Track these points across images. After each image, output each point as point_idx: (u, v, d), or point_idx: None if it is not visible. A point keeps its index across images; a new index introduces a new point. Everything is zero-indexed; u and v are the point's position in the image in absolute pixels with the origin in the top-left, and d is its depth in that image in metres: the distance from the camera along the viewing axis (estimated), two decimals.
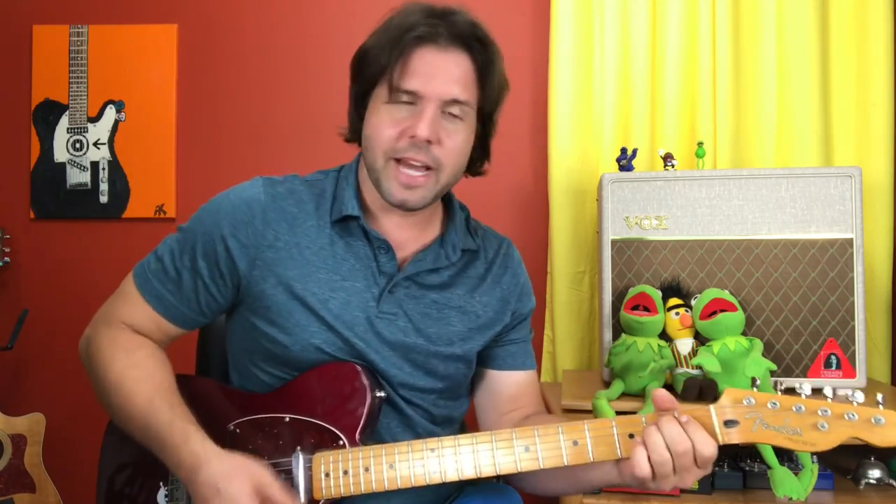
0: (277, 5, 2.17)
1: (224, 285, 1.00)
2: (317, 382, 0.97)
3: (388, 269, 1.01)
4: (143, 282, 1.01)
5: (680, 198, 1.62)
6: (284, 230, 0.99)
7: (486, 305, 1.08)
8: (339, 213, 1.00)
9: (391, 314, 1.00)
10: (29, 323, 2.09)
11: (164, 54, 2.17)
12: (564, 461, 0.85)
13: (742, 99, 1.93)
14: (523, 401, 1.12)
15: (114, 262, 2.16)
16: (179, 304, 1.00)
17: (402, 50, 0.92)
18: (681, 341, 1.53)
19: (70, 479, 2.07)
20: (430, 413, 1.04)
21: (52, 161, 2.16)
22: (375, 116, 0.96)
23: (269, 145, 2.16)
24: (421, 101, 0.93)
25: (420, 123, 0.92)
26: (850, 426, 0.79)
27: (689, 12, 1.95)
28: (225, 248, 0.98)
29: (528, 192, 2.11)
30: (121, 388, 0.95)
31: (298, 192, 1.02)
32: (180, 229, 1.03)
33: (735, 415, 0.82)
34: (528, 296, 1.16)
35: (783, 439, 0.80)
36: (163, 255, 1.01)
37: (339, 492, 0.89)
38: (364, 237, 1.01)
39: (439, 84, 0.93)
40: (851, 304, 1.55)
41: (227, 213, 0.99)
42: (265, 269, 0.98)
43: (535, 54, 2.08)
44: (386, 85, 0.94)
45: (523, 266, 1.16)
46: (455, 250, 1.05)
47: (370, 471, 0.88)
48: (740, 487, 1.47)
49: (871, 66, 1.86)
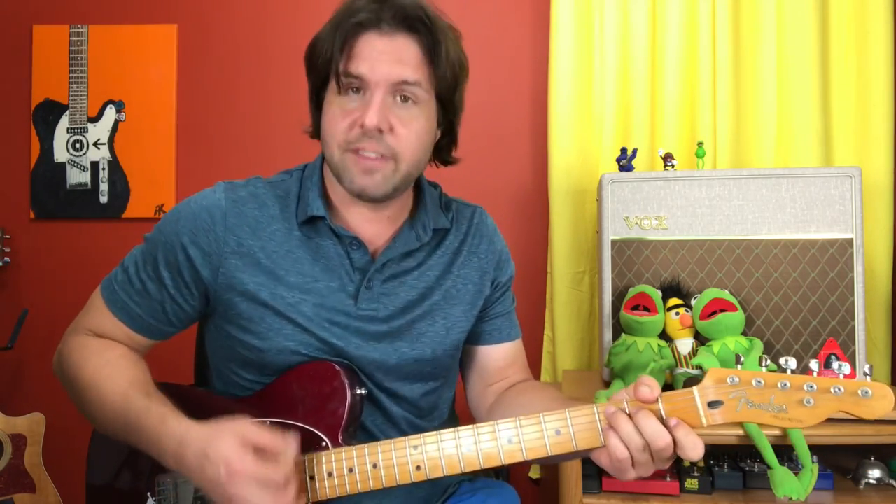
0: (277, 5, 2.17)
1: (190, 294, 0.98)
2: (296, 384, 0.95)
3: (362, 263, 0.98)
4: (110, 294, 1.00)
5: (680, 198, 1.61)
6: (247, 235, 0.96)
7: (464, 279, 1.05)
8: (305, 213, 0.97)
9: (371, 309, 0.98)
10: (29, 323, 2.09)
11: (164, 54, 2.17)
12: (548, 451, 0.83)
13: (742, 99, 1.93)
14: (509, 371, 1.11)
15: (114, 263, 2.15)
16: (146, 315, 0.98)
17: (346, 36, 0.90)
18: (681, 341, 1.53)
19: (70, 479, 2.07)
20: (417, 406, 1.03)
21: (52, 161, 2.16)
22: (329, 109, 0.94)
23: (268, 145, 2.16)
24: (368, 89, 0.90)
25: (368, 111, 0.89)
26: (837, 400, 0.76)
27: (689, 12, 1.95)
28: (186, 256, 0.95)
29: (528, 192, 2.11)
30: (94, 387, 0.93)
31: (261, 195, 0.99)
32: (145, 239, 1.01)
33: (719, 395, 0.79)
34: (507, 262, 1.12)
35: (769, 417, 0.78)
36: (128, 266, 1.00)
37: (324, 494, 0.87)
38: (333, 235, 0.98)
39: (384, 67, 0.89)
40: (851, 304, 1.55)
41: (187, 220, 0.96)
42: (230, 276, 0.95)
43: (535, 54, 2.08)
44: (333, 75, 0.91)
45: (499, 233, 1.13)
46: (426, 230, 1.01)
47: (354, 471, 0.87)
48: (740, 487, 1.47)
49: (871, 66, 1.86)
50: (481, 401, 1.11)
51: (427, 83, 0.93)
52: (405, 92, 0.91)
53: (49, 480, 1.97)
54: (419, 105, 0.93)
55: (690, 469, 1.47)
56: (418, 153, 0.95)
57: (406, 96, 0.92)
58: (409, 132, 0.92)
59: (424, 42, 0.92)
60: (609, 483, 1.46)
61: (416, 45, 0.92)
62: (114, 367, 0.94)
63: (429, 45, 0.92)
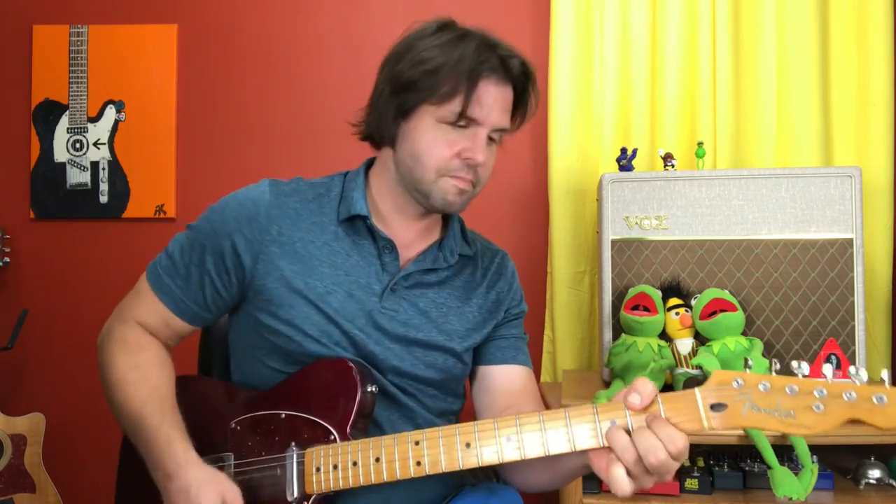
0: (277, 5, 2.17)
1: (229, 281, 1.03)
2: (312, 378, 0.99)
3: (391, 268, 1.05)
4: (155, 278, 1.05)
5: (680, 198, 1.62)
6: (288, 225, 1.03)
7: (480, 307, 1.12)
8: (348, 212, 1.04)
9: (393, 309, 1.03)
10: (29, 323, 2.09)
11: (164, 54, 2.17)
12: (547, 451, 0.83)
13: (742, 99, 1.93)
14: (517, 397, 1.12)
15: (114, 262, 2.17)
16: (187, 299, 1.04)
17: (475, 82, 0.98)
18: (681, 341, 1.53)
19: (70, 479, 2.07)
20: (428, 405, 1.06)
21: (52, 161, 2.16)
22: (428, 134, 1.00)
23: (268, 145, 2.16)
24: (475, 127, 1.00)
25: (479, 151, 0.99)
26: (849, 407, 0.71)
27: (689, 12, 1.95)
28: (231, 244, 1.02)
29: (528, 193, 2.11)
30: (120, 387, 1.00)
31: (303, 191, 1.07)
32: (189, 227, 1.07)
33: (722, 398, 0.75)
34: (522, 301, 1.20)
35: (775, 423, 0.73)
36: (173, 251, 1.06)
37: (328, 486, 0.91)
38: (370, 236, 1.05)
39: (495, 115, 1.00)
40: (851, 304, 1.55)
41: (234, 210, 1.03)
42: (268, 263, 1.01)
43: (535, 54, 2.08)
44: (448, 107, 0.98)
45: (517, 277, 1.21)
46: (453, 254, 1.10)
47: (358, 465, 0.90)
48: (740, 487, 1.47)
49: (871, 66, 1.86)
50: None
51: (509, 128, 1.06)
52: (495, 135, 1.03)
53: (49, 480, 1.96)
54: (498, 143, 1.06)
55: (690, 469, 1.46)
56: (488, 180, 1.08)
57: (493, 138, 1.03)
58: (490, 164, 1.05)
59: (519, 95, 1.05)
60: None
61: (512, 95, 1.04)
62: (140, 373, 1.01)
63: (521, 98, 1.06)
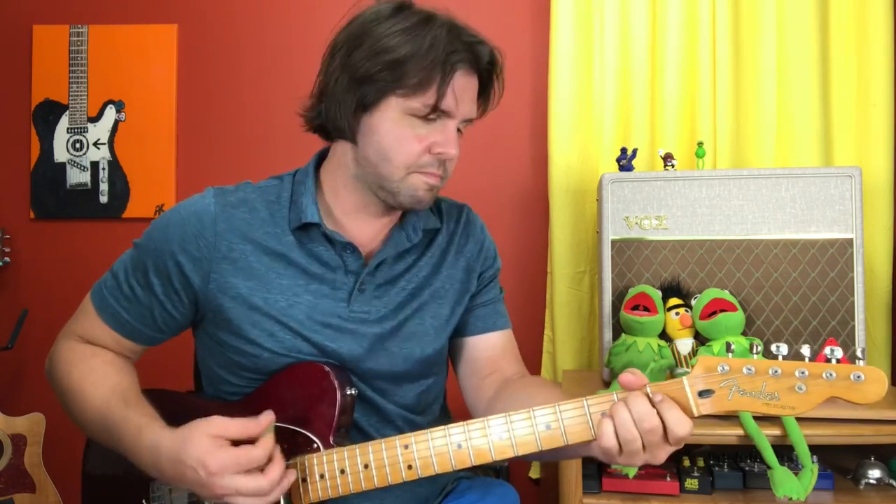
0: (277, 5, 2.17)
1: (179, 301, 0.98)
2: (286, 386, 0.95)
3: (355, 267, 0.99)
4: (100, 300, 1.00)
5: (680, 198, 1.62)
6: (238, 240, 0.96)
7: (452, 278, 1.07)
8: (299, 220, 0.97)
9: (364, 311, 0.99)
10: (29, 323, 2.09)
11: (164, 54, 2.17)
12: (539, 447, 0.83)
13: (742, 99, 1.93)
14: (501, 362, 1.10)
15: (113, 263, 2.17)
16: (135, 321, 0.99)
17: (446, 73, 0.92)
18: (681, 341, 1.53)
19: (70, 479, 2.07)
20: (409, 404, 1.03)
21: (52, 161, 2.16)
22: (396, 129, 0.93)
23: (268, 145, 2.16)
24: (444, 120, 0.94)
25: (451, 145, 0.94)
26: (829, 385, 0.75)
27: (689, 12, 1.95)
28: (176, 263, 0.95)
29: (528, 193, 2.11)
30: (79, 393, 0.95)
31: (251, 200, 0.99)
32: (135, 244, 1.01)
33: (709, 384, 0.79)
34: (494, 258, 1.14)
35: (760, 405, 0.77)
36: (118, 271, 1.01)
37: (317, 496, 0.87)
38: (326, 241, 0.99)
39: (465, 107, 0.96)
40: (851, 304, 1.55)
41: (177, 226, 0.96)
42: (221, 281, 0.95)
43: (535, 54, 2.08)
44: (419, 99, 0.91)
45: (486, 230, 1.15)
46: (416, 231, 1.03)
47: (346, 472, 0.87)
48: (740, 487, 1.47)
49: (871, 66, 1.86)
50: (479, 394, 1.09)
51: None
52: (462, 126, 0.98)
53: (49, 480, 1.96)
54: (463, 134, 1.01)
55: (690, 469, 1.46)
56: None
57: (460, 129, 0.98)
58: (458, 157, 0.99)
59: (484, 84, 1.00)
60: (609, 483, 1.46)
61: (478, 84, 0.99)
62: (98, 374, 0.95)
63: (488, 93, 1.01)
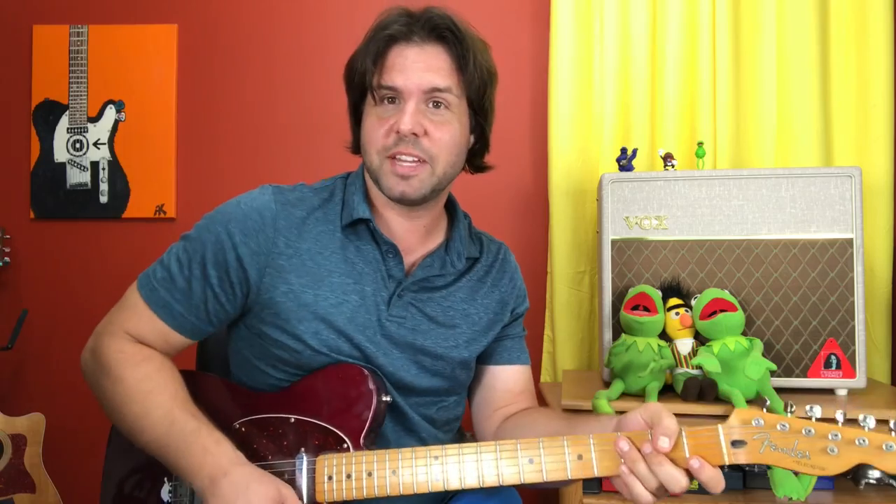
0: (278, 5, 2.17)
1: (233, 294, 0.99)
2: (323, 384, 0.97)
3: (397, 273, 1.03)
4: (149, 292, 0.99)
5: (680, 198, 1.61)
6: (295, 237, 0.99)
7: (486, 308, 1.10)
8: (350, 217, 1.01)
9: (400, 317, 1.02)
10: (29, 323, 2.09)
11: (164, 54, 2.17)
12: (568, 475, 0.84)
13: (742, 99, 1.93)
14: (517, 396, 1.14)
15: (114, 263, 2.17)
16: (188, 313, 0.99)
17: (378, 50, 0.96)
18: (681, 341, 1.53)
19: (70, 479, 2.07)
20: (432, 417, 1.06)
21: (52, 161, 2.16)
22: (367, 120, 1.00)
23: (269, 145, 2.16)
24: (402, 97, 0.96)
25: (403, 117, 0.94)
26: (861, 452, 0.77)
27: (689, 12, 1.95)
28: (236, 256, 0.97)
29: (528, 193, 2.11)
30: (136, 400, 0.93)
31: (307, 198, 1.03)
32: (186, 238, 1.01)
33: (743, 435, 0.81)
34: (524, 298, 1.19)
35: (791, 462, 0.79)
36: (169, 263, 0.99)
37: (341, 496, 0.89)
38: (373, 240, 1.03)
39: (416, 76, 0.95)
40: (851, 304, 1.54)
41: (239, 221, 0.98)
42: (276, 276, 0.98)
43: (535, 54, 2.08)
44: (372, 90, 0.97)
45: (519, 271, 1.19)
46: (460, 258, 1.08)
47: (373, 476, 0.88)
48: (740, 487, 1.47)
49: (871, 66, 1.86)
50: (487, 424, 1.14)
51: (458, 89, 0.98)
52: (437, 98, 0.96)
53: (49, 480, 1.96)
54: (451, 110, 0.98)
55: None
56: (452, 155, 1.00)
57: (438, 102, 0.97)
58: (442, 135, 0.97)
59: (453, 51, 0.97)
60: (609, 484, 1.46)
61: (446, 53, 0.97)
62: (154, 383, 0.95)
63: (457, 53, 0.97)
